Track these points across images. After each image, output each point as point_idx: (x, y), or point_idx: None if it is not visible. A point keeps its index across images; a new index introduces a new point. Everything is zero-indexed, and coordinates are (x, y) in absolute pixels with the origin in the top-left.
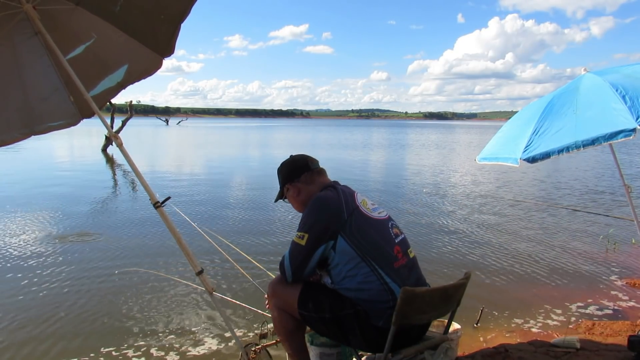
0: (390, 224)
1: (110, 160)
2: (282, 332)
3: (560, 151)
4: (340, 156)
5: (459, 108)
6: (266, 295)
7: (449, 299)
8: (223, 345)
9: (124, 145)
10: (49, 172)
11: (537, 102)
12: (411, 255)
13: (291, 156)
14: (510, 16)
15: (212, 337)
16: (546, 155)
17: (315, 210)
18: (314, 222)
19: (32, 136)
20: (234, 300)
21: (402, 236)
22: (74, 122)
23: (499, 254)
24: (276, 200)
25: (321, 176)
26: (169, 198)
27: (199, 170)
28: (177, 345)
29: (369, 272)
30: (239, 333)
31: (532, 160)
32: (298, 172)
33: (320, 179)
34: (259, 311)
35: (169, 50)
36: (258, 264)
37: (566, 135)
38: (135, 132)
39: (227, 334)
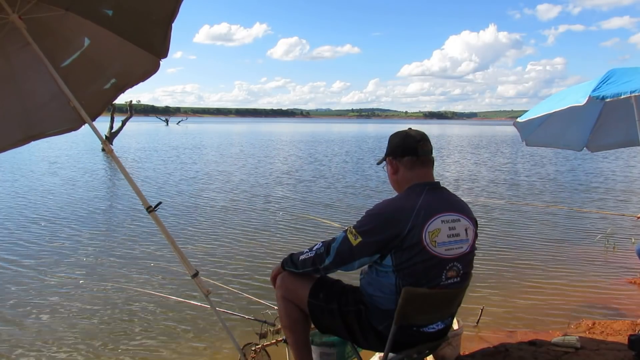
0: (450, 265)
1: (109, 159)
2: (286, 322)
3: (632, 92)
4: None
5: (459, 108)
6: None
7: (451, 301)
8: (222, 346)
9: (114, 152)
10: (48, 171)
11: (586, 83)
12: None
13: (409, 129)
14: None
15: (211, 338)
16: (617, 95)
17: (380, 222)
18: (372, 234)
19: (32, 142)
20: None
21: (455, 280)
22: (75, 127)
23: (498, 253)
24: (378, 164)
25: (424, 168)
26: (160, 203)
27: (200, 171)
28: (174, 347)
29: (392, 285)
30: (237, 334)
31: (602, 97)
32: (402, 152)
33: (421, 171)
34: (260, 313)
35: (164, 52)
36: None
37: (637, 82)
38: (135, 132)
39: (226, 335)
